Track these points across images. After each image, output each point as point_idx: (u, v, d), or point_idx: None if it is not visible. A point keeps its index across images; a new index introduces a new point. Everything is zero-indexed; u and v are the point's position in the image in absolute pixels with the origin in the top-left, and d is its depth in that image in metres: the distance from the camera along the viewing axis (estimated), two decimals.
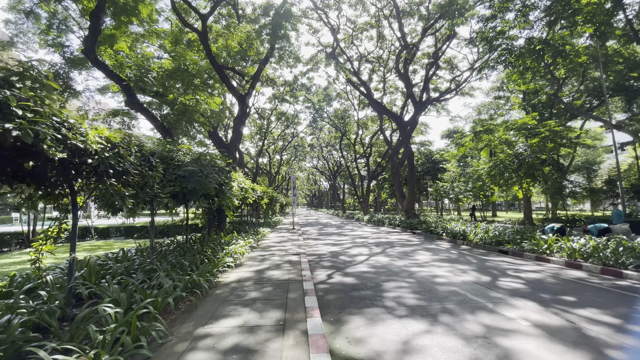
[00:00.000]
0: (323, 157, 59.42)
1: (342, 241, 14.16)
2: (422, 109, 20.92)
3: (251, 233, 13.45)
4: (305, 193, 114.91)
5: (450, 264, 8.45)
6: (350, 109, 41.03)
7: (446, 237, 14.39)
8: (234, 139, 13.39)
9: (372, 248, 11.81)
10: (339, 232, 19.17)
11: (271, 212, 29.01)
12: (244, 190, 11.01)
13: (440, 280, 6.67)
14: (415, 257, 9.75)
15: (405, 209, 21.75)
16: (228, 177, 7.89)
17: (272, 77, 33.96)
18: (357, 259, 9.36)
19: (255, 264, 8.14)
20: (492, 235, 11.94)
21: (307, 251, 10.98)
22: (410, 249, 11.55)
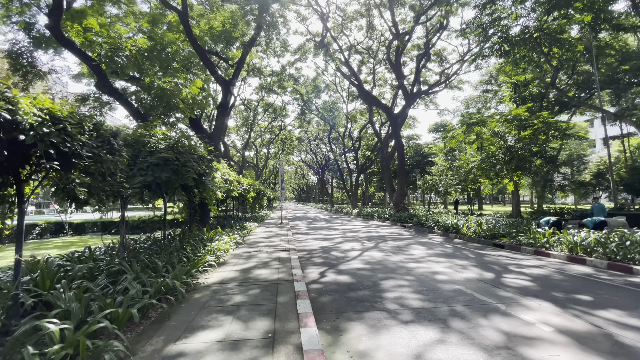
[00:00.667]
0: (311, 151, 58.67)
1: (332, 235, 13.61)
2: (413, 101, 20.48)
3: (237, 228, 12.71)
4: (293, 187, 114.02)
5: (448, 259, 8.01)
6: (339, 101, 40.37)
7: (438, 231, 14.06)
8: (218, 128, 12.52)
9: (364, 242, 11.30)
10: (328, 226, 18.63)
11: (258, 206, 28.21)
12: (229, 182, 10.24)
13: (441, 277, 6.18)
14: (410, 251, 9.29)
15: (395, 202, 21.40)
16: (209, 167, 7.13)
17: (259, 66, 32.81)
18: (350, 255, 8.81)
19: (240, 262, 7.45)
20: (486, 229, 11.64)
21: (297, 247, 10.36)
22: (403, 243, 11.10)
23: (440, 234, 13.64)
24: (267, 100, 37.02)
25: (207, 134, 12.60)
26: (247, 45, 12.57)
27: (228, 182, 10.23)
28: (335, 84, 37.03)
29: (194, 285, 5.30)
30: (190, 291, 5.06)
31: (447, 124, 51.64)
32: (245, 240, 11.37)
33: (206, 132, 12.59)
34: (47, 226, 18.48)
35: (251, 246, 9.96)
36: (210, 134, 12.57)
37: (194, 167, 5.96)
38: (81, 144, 3.17)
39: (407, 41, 19.65)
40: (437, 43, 24.06)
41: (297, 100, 38.02)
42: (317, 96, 37.99)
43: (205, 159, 6.98)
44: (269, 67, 34.02)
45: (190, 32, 10.90)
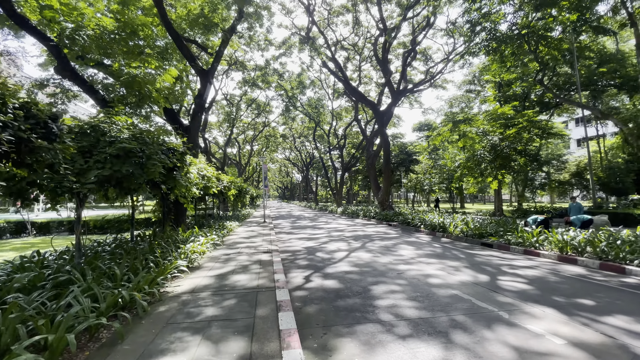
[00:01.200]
0: (296, 148, 57.88)
1: (317, 235, 13.08)
2: (399, 98, 20.23)
3: (216, 228, 11.95)
4: (277, 185, 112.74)
5: (439, 260, 7.65)
6: (325, 98, 39.81)
7: (424, 230, 13.82)
8: (195, 121, 11.69)
9: (351, 242, 10.85)
10: (313, 225, 18.10)
11: (240, 204, 27.29)
12: (206, 178, 9.49)
13: (434, 281, 5.77)
14: (399, 252, 8.89)
15: (381, 201, 21.14)
16: (182, 161, 6.41)
17: (242, 60, 31.79)
18: (336, 256, 8.31)
19: (217, 265, 6.78)
20: (473, 228, 11.45)
21: (280, 247, 9.76)
22: (390, 242, 10.72)
23: (427, 233, 13.39)
24: (250, 95, 36.00)
25: (184, 127, 11.74)
26: (228, 32, 11.78)
27: (206, 178, 9.48)
28: (320, 80, 36.46)
29: (160, 295, 4.62)
30: (155, 303, 4.39)
31: (431, 123, 52.20)
32: (224, 241, 10.65)
33: (182, 124, 11.73)
34: (7, 226, 16.94)
35: (230, 247, 9.28)
36: (187, 127, 11.72)
37: (163, 160, 5.24)
38: None
39: (393, 38, 19.34)
40: (422, 41, 23.95)
41: (281, 96, 37.21)
42: (302, 92, 37.31)
43: (178, 151, 6.26)
44: (252, 61, 33.04)
45: (164, 14, 10.03)
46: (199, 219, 14.51)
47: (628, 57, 16.09)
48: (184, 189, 6.86)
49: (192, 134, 11.73)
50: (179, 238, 8.14)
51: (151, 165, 4.95)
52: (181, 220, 11.32)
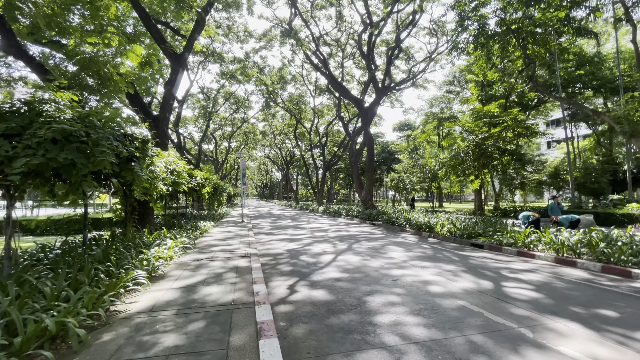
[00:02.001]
0: (276, 146, 56.59)
1: (299, 236, 12.28)
2: (384, 95, 19.81)
3: (187, 229, 10.85)
4: (256, 184, 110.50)
5: (433, 264, 7.09)
6: (306, 94, 38.92)
7: (410, 229, 13.38)
8: (165, 109, 10.52)
9: (336, 244, 10.14)
10: (294, 224, 17.27)
11: (217, 203, 25.92)
12: (176, 174, 8.43)
13: (435, 289, 5.16)
14: (389, 254, 8.28)
15: (363, 199, 20.65)
16: (144, 150, 5.39)
17: (220, 52, 30.33)
18: (322, 260, 7.55)
19: (185, 274, 5.82)
20: (461, 228, 11.10)
21: (260, 250, 8.87)
22: (378, 243, 10.12)
23: (413, 233, 12.94)
24: (228, 89, 34.50)
25: (153, 117, 10.54)
26: (204, 11, 10.67)
27: (175, 173, 8.42)
28: (302, 76, 35.54)
29: (107, 317, 3.65)
30: (100, 328, 3.43)
31: (411, 123, 52.76)
32: (196, 244, 9.60)
33: (150, 113, 10.53)
34: None
35: (203, 251, 8.28)
36: (156, 117, 10.53)
37: (115, 148, 4.25)
38: None
39: (379, 32, 18.82)
40: (406, 39, 23.65)
41: (261, 91, 35.96)
42: (283, 88, 36.23)
43: (138, 139, 5.24)
44: (231, 53, 31.68)
45: None
46: (170, 219, 13.28)
47: (605, 59, 16.49)
48: (146, 184, 5.83)
49: (162, 125, 10.57)
50: (142, 241, 7.07)
51: (99, 152, 3.95)
52: (147, 221, 10.15)
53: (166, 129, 10.76)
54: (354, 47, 30.63)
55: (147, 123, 8.56)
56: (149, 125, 10.56)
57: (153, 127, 10.57)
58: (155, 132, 10.51)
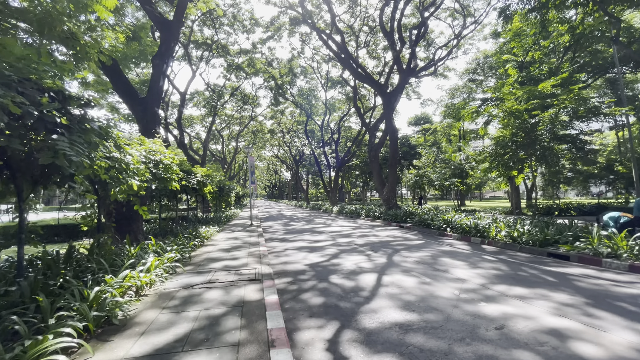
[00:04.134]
0: (285, 144, 54.57)
1: (320, 242, 10.09)
2: (410, 77, 17.46)
3: (184, 236, 8.79)
4: (265, 184, 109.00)
5: (529, 289, 4.82)
6: (317, 89, 36.75)
7: (452, 234, 11.05)
8: (154, 89, 8.47)
9: (370, 255, 7.91)
10: (310, 228, 15.09)
11: (225, 204, 23.98)
12: (163, 167, 6.34)
13: (586, 351, 2.90)
14: (451, 272, 6.03)
15: (386, 198, 18.34)
16: (85, 120, 3.24)
17: (225, 44, 28.44)
18: (363, 283, 5.35)
19: (161, 321, 3.68)
20: (526, 232, 8.74)
21: (274, 266, 6.72)
22: (424, 254, 7.85)
23: (459, 239, 10.62)
24: (234, 83, 32.57)
25: (140, 99, 8.52)
26: None
27: (162, 166, 6.33)
28: (313, 68, 33.36)
29: None
30: None
31: (427, 116, 50.01)
32: (192, 257, 7.50)
33: (135, 94, 8.49)
34: None
35: (199, 270, 6.16)
36: (143, 99, 8.50)
37: (28, 110, 2.14)
38: None
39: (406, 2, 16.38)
40: (429, 20, 21.15)
41: (269, 86, 33.97)
42: (292, 81, 34.15)
43: (73, 98, 3.12)
44: (237, 45, 29.67)
45: None
46: (166, 224, 11.28)
47: None
48: (104, 176, 3.74)
49: (150, 108, 8.52)
50: (110, 261, 4.99)
51: None
52: (134, 228, 8.12)
53: (157, 114, 8.71)
54: (368, 34, 28.36)
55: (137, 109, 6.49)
56: (136, 110, 8.53)
57: (140, 112, 8.55)
58: (143, 113, 8.49)
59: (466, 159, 26.28)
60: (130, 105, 8.52)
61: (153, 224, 11.80)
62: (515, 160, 13.34)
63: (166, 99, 28.47)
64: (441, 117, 37.24)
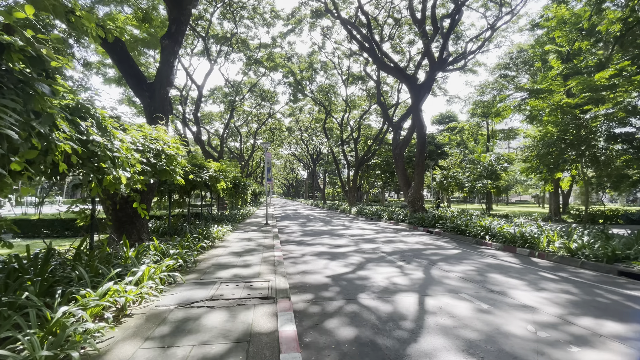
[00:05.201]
0: (302, 142, 53.78)
1: (341, 248, 9.02)
2: (441, 69, 16.02)
3: (193, 237, 7.96)
4: (281, 182, 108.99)
5: (629, 327, 3.56)
6: (337, 84, 35.58)
7: (493, 243, 9.67)
8: (162, 74, 7.67)
9: (403, 266, 6.76)
10: (329, 229, 14.03)
11: (241, 201, 23.33)
12: (165, 157, 5.46)
13: None
14: (511, 295, 4.81)
15: (411, 200, 17.01)
16: (40, 84, 2.34)
17: (245, 38, 27.85)
18: (402, 308, 4.24)
19: (142, 356, 2.75)
20: (589, 244, 7.33)
21: (291, 277, 5.72)
22: (467, 268, 6.62)
23: (501, 249, 9.25)
24: (253, 78, 31.96)
25: (147, 83, 7.74)
26: None
27: (163, 156, 5.45)
28: (333, 63, 32.22)
29: None
30: None
31: (453, 115, 47.78)
32: (198, 261, 6.62)
33: (142, 77, 7.72)
34: None
35: (203, 279, 5.25)
36: (151, 84, 7.72)
37: None
38: None
39: None
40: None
41: (288, 82, 33.16)
42: (312, 77, 33.17)
43: (23, 52, 2.20)
44: (256, 39, 28.98)
45: None
46: (176, 221, 10.56)
47: None
48: (75, 160, 2.85)
49: (159, 95, 7.72)
50: (104, 266, 4.13)
51: None
52: (137, 226, 7.36)
53: (166, 101, 7.91)
54: (392, 26, 26.97)
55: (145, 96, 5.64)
56: (142, 96, 7.75)
57: (147, 98, 7.77)
58: (150, 100, 7.71)
59: (497, 159, 24.44)
60: (137, 90, 7.75)
61: (164, 220, 11.11)
62: (561, 161, 11.76)
63: (184, 94, 28.22)
64: (468, 115, 35.18)
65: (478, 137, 36.06)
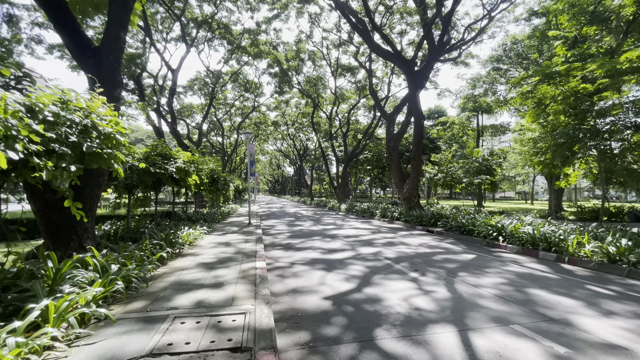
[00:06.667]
0: (289, 137, 51.98)
1: (337, 253, 7.58)
2: (441, 53, 14.77)
3: (152, 244, 6.32)
4: (267, 179, 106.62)
5: None
6: (325, 77, 33.97)
7: (508, 245, 8.49)
8: (111, 33, 5.96)
9: (418, 280, 5.40)
10: (320, 230, 12.57)
11: (223, 199, 21.52)
12: (96, 135, 3.83)
13: None
14: (580, 325, 3.51)
15: (407, 197, 15.80)
16: None
17: (227, 23, 25.83)
18: (444, 351, 2.83)
19: None
20: (631, 248, 6.22)
21: (276, 299, 4.25)
22: (496, 280, 5.33)
23: (518, 252, 8.07)
24: (235, 67, 29.94)
25: (92, 48, 6.00)
26: None
27: (94, 134, 3.81)
28: (322, 53, 30.63)
29: None
30: None
31: (442, 110, 47.19)
32: (154, 278, 5.02)
33: (91, 46, 5.97)
34: None
35: (149, 312, 3.68)
36: (96, 49, 5.98)
37: None
38: None
39: None
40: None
41: (274, 73, 31.32)
42: (299, 68, 31.43)
43: None
44: (239, 25, 26.95)
45: None
46: (142, 223, 8.83)
47: None
48: None
49: (105, 61, 6.00)
50: None
51: None
52: (73, 233, 5.67)
53: (116, 71, 6.19)
54: (383, 15, 25.62)
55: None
56: (86, 64, 6.04)
57: (92, 66, 6.03)
58: (95, 68, 5.98)
59: (490, 154, 23.69)
60: (78, 57, 5.99)
61: (131, 220, 9.34)
62: (576, 152, 10.76)
63: (161, 83, 25.96)
64: (458, 110, 34.48)
65: (468, 132, 35.45)
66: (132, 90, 20.05)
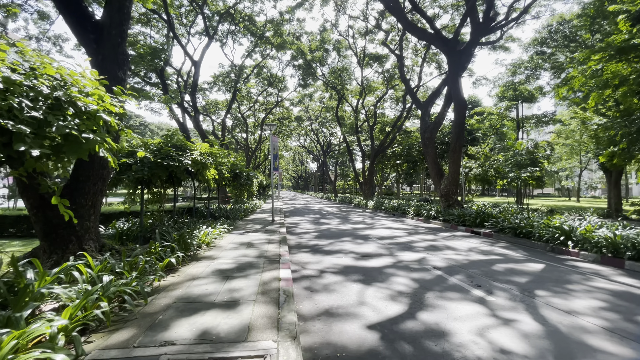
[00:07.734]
0: (312, 132, 51.05)
1: (373, 259, 6.44)
2: (486, 31, 13.01)
3: (161, 246, 5.53)
4: (290, 175, 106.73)
5: None
6: (351, 67, 32.49)
7: (580, 252, 6.95)
8: (114, 5, 5.17)
9: (485, 299, 4.16)
10: (350, 229, 11.44)
11: (247, 194, 20.92)
12: (60, 105, 2.95)
13: None
14: None
15: (445, 193, 14.29)
16: None
17: (249, 14, 25.11)
18: None
19: None
20: None
21: (305, 329, 3.22)
22: (595, 304, 3.98)
23: (596, 261, 6.55)
24: (258, 60, 29.23)
25: (93, 22, 5.25)
26: None
27: (68, 110, 2.94)
28: (348, 42, 29.23)
29: None
30: None
31: (476, 100, 44.19)
32: (157, 291, 4.17)
33: (90, 18, 5.22)
34: None
35: (130, 354, 2.79)
36: (97, 23, 5.22)
37: None
38: None
39: None
40: None
41: (297, 65, 30.36)
42: (323, 58, 30.19)
43: None
44: (262, 15, 26.10)
45: None
46: (159, 218, 8.17)
47: None
48: None
49: (107, 36, 5.21)
50: None
51: None
52: (72, 234, 4.96)
53: (120, 48, 5.40)
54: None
55: None
56: (87, 40, 5.27)
57: (93, 43, 5.27)
58: (97, 50, 5.22)
59: (535, 146, 21.39)
60: (78, 32, 5.26)
61: (147, 217, 8.72)
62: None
63: (185, 78, 25.78)
64: (495, 100, 31.80)
65: (506, 123, 32.65)
66: (155, 84, 19.86)
